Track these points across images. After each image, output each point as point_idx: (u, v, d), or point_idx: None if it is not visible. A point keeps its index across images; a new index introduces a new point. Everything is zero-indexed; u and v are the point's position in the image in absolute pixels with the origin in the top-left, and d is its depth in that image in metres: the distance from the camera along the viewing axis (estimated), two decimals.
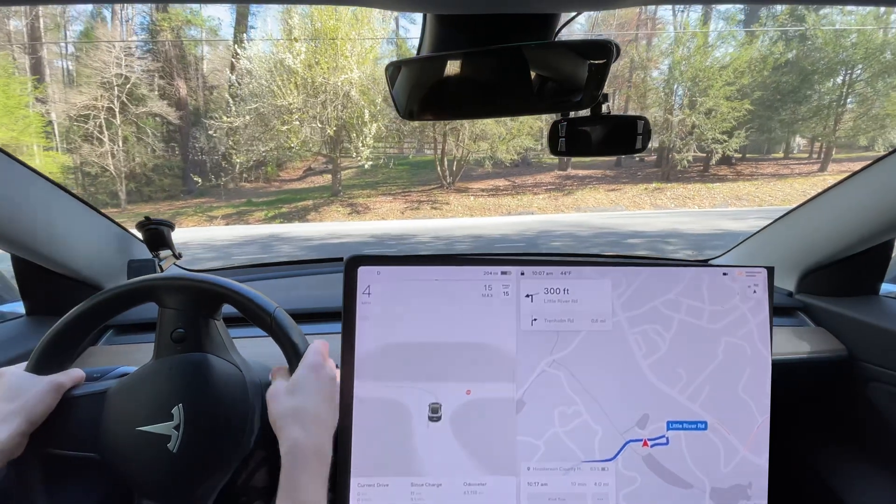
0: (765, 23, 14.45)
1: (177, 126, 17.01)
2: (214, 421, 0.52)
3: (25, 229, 0.72)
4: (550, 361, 0.46)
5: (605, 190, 13.30)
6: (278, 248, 7.84)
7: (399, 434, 0.45)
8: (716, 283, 0.47)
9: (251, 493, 0.56)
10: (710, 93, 12.32)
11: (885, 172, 0.75)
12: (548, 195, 13.15)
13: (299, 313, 0.68)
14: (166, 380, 0.53)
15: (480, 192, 13.53)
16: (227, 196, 15.48)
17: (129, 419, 0.51)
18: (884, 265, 0.91)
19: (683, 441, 0.46)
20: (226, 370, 0.55)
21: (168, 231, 0.91)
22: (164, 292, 0.56)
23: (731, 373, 0.46)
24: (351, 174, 16.19)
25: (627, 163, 15.91)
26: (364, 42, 11.88)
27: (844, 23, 13.19)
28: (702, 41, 13.13)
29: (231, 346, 0.59)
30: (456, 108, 0.60)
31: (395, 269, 0.46)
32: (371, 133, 11.74)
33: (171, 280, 0.55)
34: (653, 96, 14.92)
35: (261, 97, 12.00)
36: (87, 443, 0.52)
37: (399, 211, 12.33)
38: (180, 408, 0.51)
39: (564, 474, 0.45)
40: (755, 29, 14.00)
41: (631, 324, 0.47)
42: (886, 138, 13.02)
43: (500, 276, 0.47)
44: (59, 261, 0.80)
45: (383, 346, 0.46)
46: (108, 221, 0.90)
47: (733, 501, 0.46)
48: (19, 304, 0.88)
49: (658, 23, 17.16)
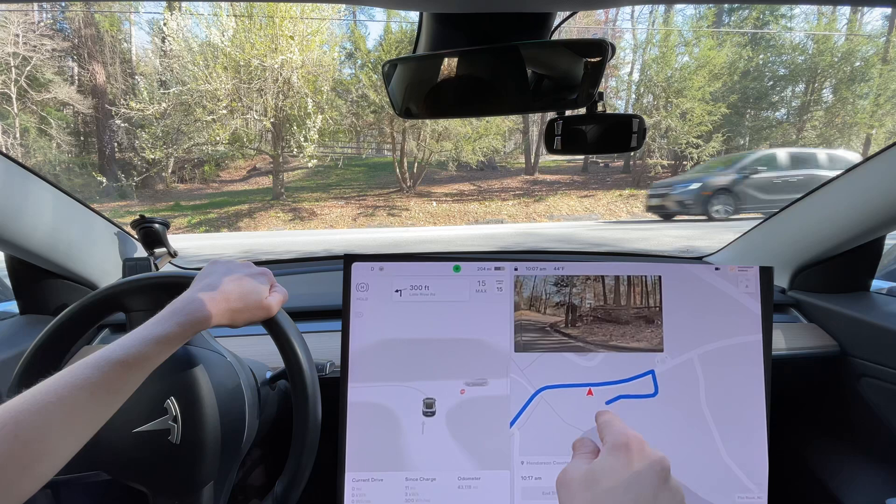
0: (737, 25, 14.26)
1: (91, 117, 14.55)
2: (210, 405, 0.51)
3: (19, 228, 0.71)
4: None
5: (578, 196, 12.37)
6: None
7: (393, 429, 0.45)
8: (709, 279, 0.47)
9: (248, 492, 0.57)
10: (687, 94, 11.73)
11: (875, 171, 0.76)
12: (517, 201, 12.04)
13: (295, 311, 0.69)
14: (152, 377, 0.47)
15: (444, 196, 12.20)
16: (155, 199, 13.35)
17: (123, 424, 0.50)
18: (874, 262, 0.92)
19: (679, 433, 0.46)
20: (210, 357, 0.54)
21: (163, 229, 0.90)
22: (131, 296, 0.55)
23: (727, 368, 0.46)
24: (300, 175, 14.48)
25: (594, 168, 15.41)
26: (310, 22, 10.22)
27: (808, 30, 13.16)
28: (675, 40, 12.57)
29: (210, 338, 0.58)
30: (452, 107, 0.58)
31: (389, 266, 0.46)
32: (315, 127, 10.05)
33: (133, 282, 0.55)
34: (625, 96, 14.32)
35: (183, 82, 10.03)
36: (88, 460, 0.49)
37: (351, 217, 10.76)
38: (173, 400, 0.50)
39: (558, 468, 0.42)
40: (721, 30, 13.70)
41: None
42: (850, 147, 13.02)
43: (493, 272, 0.47)
44: (54, 260, 0.79)
45: (378, 343, 0.45)
46: (102, 220, 0.90)
47: (732, 494, 0.45)
48: (12, 303, 0.87)
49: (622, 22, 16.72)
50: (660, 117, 11.92)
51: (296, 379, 0.51)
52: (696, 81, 11.69)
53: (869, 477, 0.82)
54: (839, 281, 0.94)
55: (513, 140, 15.52)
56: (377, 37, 18.43)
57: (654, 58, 12.89)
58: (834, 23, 12.94)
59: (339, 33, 12.98)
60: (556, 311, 0.48)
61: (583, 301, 0.48)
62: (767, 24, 13.86)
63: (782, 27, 13.75)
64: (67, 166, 13.93)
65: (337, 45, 11.99)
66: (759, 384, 0.47)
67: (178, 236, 9.22)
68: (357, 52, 13.17)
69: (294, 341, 0.52)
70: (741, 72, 12.94)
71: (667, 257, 1.31)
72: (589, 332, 0.48)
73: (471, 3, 0.39)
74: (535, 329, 0.47)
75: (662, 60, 12.49)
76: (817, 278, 0.95)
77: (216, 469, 0.51)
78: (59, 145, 13.54)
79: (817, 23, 13.12)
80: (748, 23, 14.02)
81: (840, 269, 0.93)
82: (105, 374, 0.39)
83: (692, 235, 6.53)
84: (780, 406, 0.76)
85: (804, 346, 0.86)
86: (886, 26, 13.37)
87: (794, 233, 0.95)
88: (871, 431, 0.84)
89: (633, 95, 13.95)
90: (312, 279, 1.05)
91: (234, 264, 0.52)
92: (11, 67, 12.56)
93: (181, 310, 0.45)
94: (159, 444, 0.49)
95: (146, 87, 10.59)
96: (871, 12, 14.14)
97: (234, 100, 10.00)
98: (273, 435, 0.67)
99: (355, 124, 12.72)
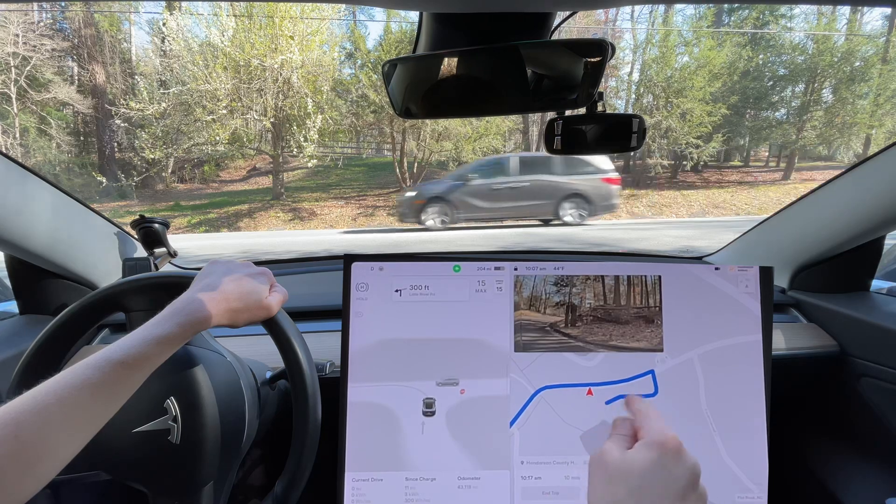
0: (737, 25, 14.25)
1: (91, 117, 14.53)
2: (210, 405, 0.51)
3: (19, 228, 0.71)
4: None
5: None
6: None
7: (393, 429, 0.44)
8: (709, 278, 0.47)
9: (248, 492, 0.58)
10: (688, 94, 11.71)
11: (875, 170, 0.76)
12: None
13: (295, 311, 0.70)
14: (152, 377, 0.47)
15: None
16: (154, 199, 13.33)
17: (123, 424, 0.50)
18: (874, 262, 0.92)
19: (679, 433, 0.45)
20: (210, 357, 0.54)
21: (163, 229, 0.90)
22: (130, 296, 0.55)
23: (727, 368, 0.46)
24: (300, 175, 14.46)
25: None
26: (310, 22, 10.21)
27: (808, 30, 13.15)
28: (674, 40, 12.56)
29: (211, 338, 0.58)
30: (452, 107, 0.58)
31: (389, 266, 0.46)
32: (315, 126, 10.03)
33: (133, 282, 0.55)
34: (625, 96, 14.30)
35: (182, 82, 10.01)
36: (88, 460, 0.49)
37: (350, 217, 10.75)
38: (173, 401, 0.50)
39: (558, 468, 0.45)
40: (721, 30, 13.69)
41: None
42: (850, 147, 13.01)
43: (493, 272, 0.47)
44: (53, 260, 0.79)
45: (378, 342, 0.45)
46: (102, 220, 0.90)
47: (732, 494, 0.45)
48: (12, 303, 0.87)
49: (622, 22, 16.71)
50: (660, 117, 11.92)
51: (296, 379, 0.51)
52: (696, 81, 11.68)
53: (869, 477, 0.82)
54: (839, 281, 0.94)
55: (513, 140, 15.51)
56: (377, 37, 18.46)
57: (654, 58, 12.86)
58: (834, 23, 12.93)
59: (339, 33, 12.97)
60: (555, 310, 0.48)
61: (583, 301, 0.48)
62: (767, 25, 13.84)
63: (782, 27, 13.74)
64: (67, 166, 13.91)
65: (337, 45, 11.96)
66: (759, 384, 0.47)
67: (177, 236, 9.21)
68: (357, 52, 13.17)
69: (294, 341, 0.51)
70: (741, 72, 12.91)
71: (667, 257, 1.31)
72: (589, 331, 0.47)
73: (471, 2, 0.39)
74: (534, 329, 0.47)
75: (662, 60, 12.47)
76: (817, 278, 0.95)
77: (216, 469, 0.51)
78: (58, 145, 13.52)
79: (817, 23, 13.11)
80: (748, 23, 14.01)
81: (840, 269, 0.92)
82: (106, 375, 0.38)
83: (692, 235, 6.54)
84: (780, 406, 0.75)
85: (804, 346, 0.86)
86: (886, 26, 13.37)
87: (794, 233, 0.95)
88: (871, 431, 0.84)
89: (633, 95, 13.94)
90: (312, 279, 1.04)
91: (234, 264, 0.52)
92: (11, 67, 12.54)
93: (181, 310, 0.45)
94: (159, 443, 0.49)
95: (146, 86, 10.56)
96: (871, 12, 14.15)
97: (233, 100, 10.00)
98: (273, 435, 0.67)
99: (355, 124, 12.71)
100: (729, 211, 11.19)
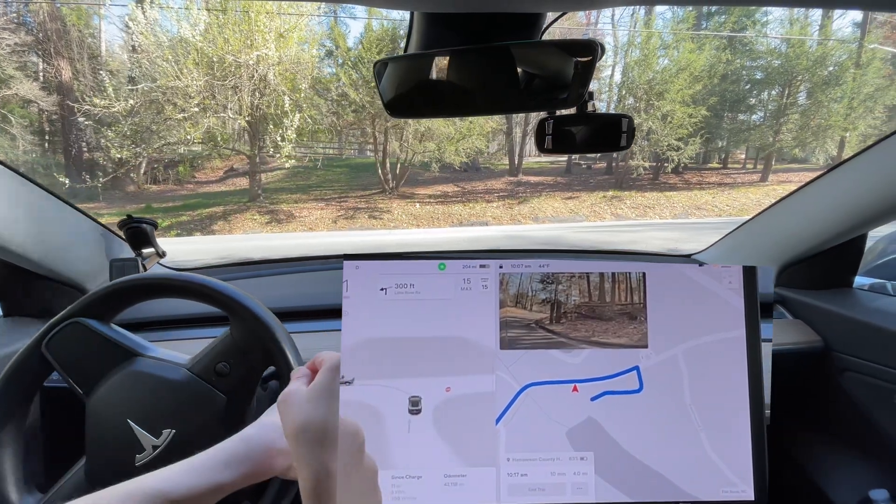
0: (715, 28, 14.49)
1: (57, 115, 13.84)
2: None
3: (1, 229, 0.70)
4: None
5: (562, 198, 12.33)
6: None
7: (380, 428, 0.45)
8: (692, 275, 0.48)
9: (240, 494, 0.56)
10: (667, 96, 11.81)
11: (857, 170, 0.78)
12: (501, 203, 11.93)
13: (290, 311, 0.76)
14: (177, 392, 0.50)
15: (427, 198, 12.00)
16: (125, 200, 12.76)
17: (135, 400, 0.49)
18: (857, 259, 0.94)
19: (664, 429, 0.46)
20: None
21: (151, 229, 0.90)
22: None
23: (710, 363, 0.47)
24: (279, 176, 14.09)
25: (577, 169, 15.48)
26: (287, 18, 9.89)
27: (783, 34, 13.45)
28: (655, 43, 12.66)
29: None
30: (443, 106, 0.59)
31: (371, 265, 0.47)
32: (293, 126, 9.71)
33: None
34: (606, 98, 14.38)
35: (152, 78, 9.55)
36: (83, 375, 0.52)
37: (331, 220, 10.46)
38: (170, 433, 0.49)
39: (544, 464, 0.45)
40: (701, 33, 13.89)
41: None
42: (825, 149, 13.33)
43: (478, 270, 0.47)
44: (38, 261, 0.78)
45: (363, 341, 0.45)
46: (87, 219, 0.89)
47: (717, 488, 0.46)
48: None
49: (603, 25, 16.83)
50: (641, 119, 11.98)
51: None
52: (676, 84, 11.79)
53: (852, 468, 0.85)
54: (823, 278, 0.96)
55: (496, 141, 15.44)
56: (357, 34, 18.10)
57: (636, 60, 12.96)
58: (807, 28, 13.24)
59: (319, 31, 12.66)
60: (541, 307, 0.48)
61: (568, 298, 0.48)
62: (745, 29, 14.11)
63: (758, 32, 14.02)
64: (31, 167, 13.23)
65: (317, 43, 11.65)
66: (743, 378, 0.48)
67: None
68: (337, 50, 12.86)
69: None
70: (720, 75, 13.12)
71: (653, 255, 1.31)
72: (573, 328, 0.48)
73: (462, 2, 0.41)
74: (520, 325, 0.47)
75: (644, 63, 12.57)
76: (802, 275, 0.98)
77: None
78: (21, 145, 12.84)
79: (791, 27, 13.40)
80: (726, 27, 14.26)
81: (824, 267, 0.95)
82: None
83: (680, 238, 6.50)
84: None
85: (789, 342, 0.89)
86: (857, 33, 13.77)
87: (780, 231, 0.98)
88: (854, 424, 0.87)
89: (616, 97, 14.03)
90: (310, 279, 1.05)
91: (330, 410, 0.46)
92: None
93: (248, 458, 0.44)
94: (126, 449, 0.48)
95: (111, 82, 10.05)
96: (843, 18, 14.55)
97: (206, 97, 9.60)
98: None
99: (336, 124, 12.41)
100: (711, 212, 11.31)
